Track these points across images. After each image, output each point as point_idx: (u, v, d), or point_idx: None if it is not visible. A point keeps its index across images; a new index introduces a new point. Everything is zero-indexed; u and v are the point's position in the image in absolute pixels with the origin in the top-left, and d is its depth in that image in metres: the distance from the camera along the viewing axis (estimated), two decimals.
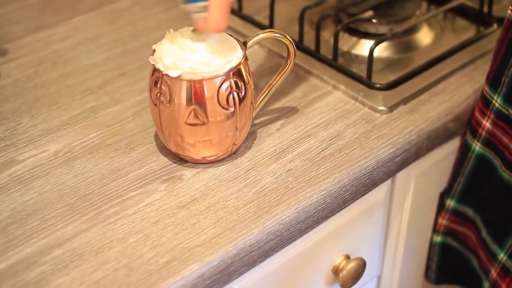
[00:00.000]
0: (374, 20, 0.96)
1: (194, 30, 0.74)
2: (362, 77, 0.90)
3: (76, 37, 0.99)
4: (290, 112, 0.86)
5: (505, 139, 0.84)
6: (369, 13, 0.97)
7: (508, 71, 0.82)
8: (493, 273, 0.88)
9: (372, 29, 0.97)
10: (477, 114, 0.87)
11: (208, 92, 0.73)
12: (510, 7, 0.81)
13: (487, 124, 0.86)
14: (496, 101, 0.84)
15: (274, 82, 0.81)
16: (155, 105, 0.75)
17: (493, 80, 0.84)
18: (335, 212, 0.79)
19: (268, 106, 0.86)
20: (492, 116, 0.85)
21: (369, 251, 0.92)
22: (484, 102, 0.86)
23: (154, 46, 0.75)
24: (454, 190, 0.94)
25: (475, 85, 0.90)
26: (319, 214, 0.76)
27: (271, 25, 0.99)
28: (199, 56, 0.72)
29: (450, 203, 0.94)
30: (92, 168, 0.78)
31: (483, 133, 0.87)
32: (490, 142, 0.87)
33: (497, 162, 0.87)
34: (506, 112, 0.83)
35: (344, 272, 0.86)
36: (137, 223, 0.72)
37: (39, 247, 0.69)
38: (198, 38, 0.73)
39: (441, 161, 0.94)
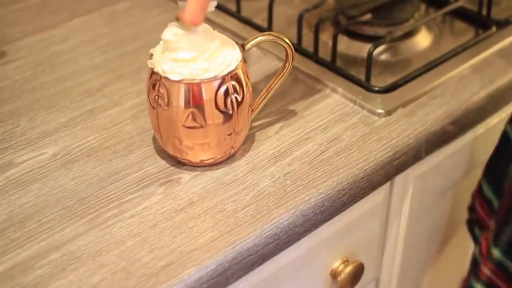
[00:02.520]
0: (372, 23, 0.96)
1: (178, 19, 0.74)
2: (361, 80, 0.90)
3: (74, 39, 0.99)
4: (288, 115, 0.86)
5: None
6: (368, 16, 0.97)
7: None
8: None
9: (370, 32, 0.97)
10: None
11: (206, 95, 0.73)
12: None
13: None
14: None
15: (273, 85, 0.81)
16: (153, 108, 0.75)
17: None
18: (333, 215, 0.79)
19: (266, 109, 0.86)
20: None
21: (367, 254, 0.92)
22: None
23: (151, 51, 0.75)
24: (501, 240, 0.88)
25: (474, 88, 0.90)
26: (317, 217, 0.76)
27: (269, 28, 0.99)
28: (197, 63, 0.72)
29: (495, 252, 0.89)
30: (90, 171, 0.78)
31: None
32: None
33: None
34: None
35: (342, 275, 0.86)
36: (135, 226, 0.71)
37: (36, 250, 0.69)
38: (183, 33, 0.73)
39: (439, 164, 0.94)
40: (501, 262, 0.89)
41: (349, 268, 0.86)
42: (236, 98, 0.74)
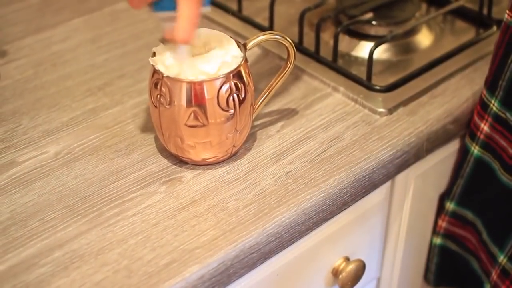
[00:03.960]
0: (373, 22, 0.96)
1: (163, 40, 0.74)
2: (362, 79, 0.90)
3: (76, 38, 0.99)
4: (290, 114, 0.86)
5: (503, 143, 0.85)
6: (369, 15, 0.97)
7: (505, 75, 0.82)
8: (494, 275, 0.88)
9: (371, 31, 0.97)
10: (475, 117, 0.87)
11: (208, 94, 0.73)
12: (507, 11, 0.81)
13: (485, 127, 0.86)
14: (493, 104, 0.84)
15: (274, 84, 0.81)
16: (155, 106, 0.75)
17: (491, 84, 0.84)
18: (334, 214, 0.79)
19: (268, 108, 0.86)
20: (490, 119, 0.85)
21: (368, 253, 0.92)
22: (482, 106, 0.86)
23: (154, 49, 0.75)
24: (453, 193, 0.94)
25: (474, 87, 0.91)
26: (319, 216, 0.76)
27: (271, 27, 0.99)
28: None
29: (450, 205, 0.95)
30: (92, 170, 0.78)
31: (481, 137, 0.87)
32: (488, 145, 0.87)
33: (495, 165, 0.87)
34: (503, 116, 0.83)
35: (343, 274, 0.86)
36: (137, 224, 0.72)
37: (39, 249, 0.69)
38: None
39: (440, 163, 0.94)
40: (456, 212, 0.95)
41: (350, 267, 0.87)
42: (238, 96, 0.74)
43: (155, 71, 0.74)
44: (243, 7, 1.03)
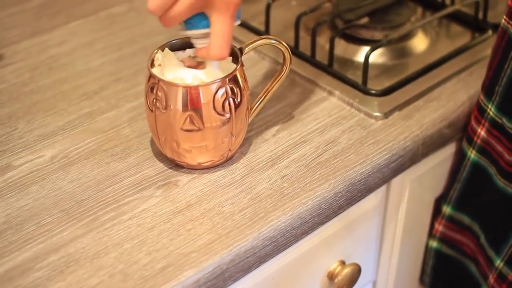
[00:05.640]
0: (369, 26, 0.97)
1: (195, 57, 0.75)
2: (358, 83, 0.90)
3: (72, 42, 0.99)
4: (285, 118, 0.86)
5: (499, 148, 0.85)
6: (365, 19, 0.97)
7: (501, 80, 0.82)
8: (491, 279, 0.88)
9: (367, 35, 0.97)
10: (472, 122, 0.87)
11: (204, 98, 0.73)
12: (504, 16, 0.81)
13: (482, 132, 0.86)
14: (490, 109, 0.84)
15: (270, 88, 0.82)
16: (151, 111, 0.75)
17: (488, 89, 0.84)
18: (330, 218, 0.79)
19: (263, 112, 0.86)
20: (486, 124, 0.86)
21: (364, 256, 0.93)
22: (479, 111, 0.86)
23: (153, 54, 0.76)
24: (450, 197, 0.94)
25: (470, 91, 0.91)
26: (314, 220, 0.77)
27: (267, 31, 0.99)
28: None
29: (447, 209, 0.95)
30: (88, 174, 0.78)
31: (478, 141, 0.87)
32: (485, 150, 0.87)
33: (492, 170, 0.87)
34: (499, 121, 0.84)
35: (339, 277, 0.87)
36: (133, 228, 0.72)
37: (35, 253, 0.69)
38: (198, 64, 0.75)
39: (436, 167, 0.94)
40: (453, 217, 0.95)
41: (346, 270, 0.87)
42: (233, 101, 0.75)
43: (151, 75, 0.74)
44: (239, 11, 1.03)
